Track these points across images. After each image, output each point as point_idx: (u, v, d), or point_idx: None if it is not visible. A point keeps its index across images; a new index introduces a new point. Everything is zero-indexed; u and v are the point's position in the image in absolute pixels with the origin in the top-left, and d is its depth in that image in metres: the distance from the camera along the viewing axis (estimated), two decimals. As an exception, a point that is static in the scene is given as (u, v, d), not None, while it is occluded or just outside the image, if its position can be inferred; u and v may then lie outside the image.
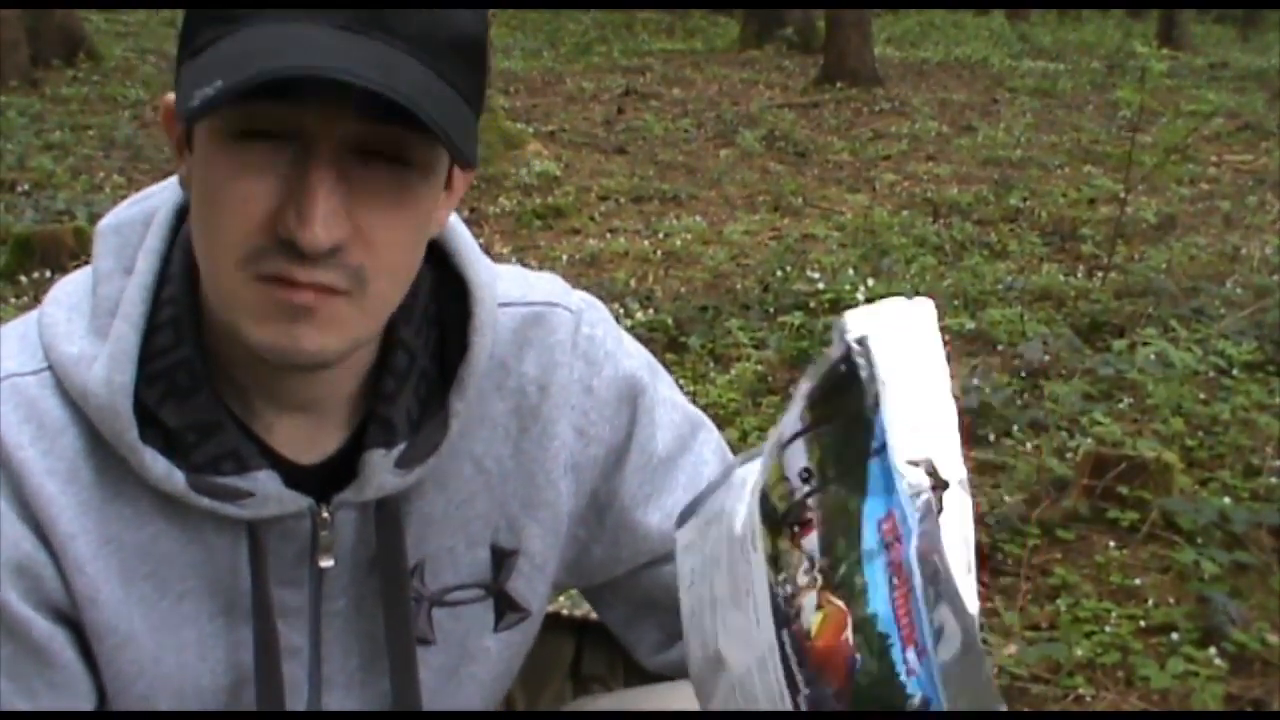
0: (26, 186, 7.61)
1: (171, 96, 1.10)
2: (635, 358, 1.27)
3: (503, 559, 1.24)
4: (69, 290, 1.17)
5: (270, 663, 1.16)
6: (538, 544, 1.24)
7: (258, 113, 1.00)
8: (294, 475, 1.14)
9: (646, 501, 1.27)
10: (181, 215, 1.16)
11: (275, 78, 0.95)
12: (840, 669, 0.92)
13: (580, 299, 1.27)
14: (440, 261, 1.19)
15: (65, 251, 5.90)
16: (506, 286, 1.23)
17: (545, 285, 1.27)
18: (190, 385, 1.11)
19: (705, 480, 1.25)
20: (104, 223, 1.18)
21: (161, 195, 1.18)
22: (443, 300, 1.19)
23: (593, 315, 1.27)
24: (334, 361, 1.07)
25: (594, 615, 1.46)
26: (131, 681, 1.15)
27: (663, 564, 1.29)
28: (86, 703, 1.15)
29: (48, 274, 5.66)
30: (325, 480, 1.16)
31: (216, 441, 1.11)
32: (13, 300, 5.52)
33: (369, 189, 1.02)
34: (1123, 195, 6.45)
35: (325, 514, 1.16)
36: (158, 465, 1.10)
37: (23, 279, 5.73)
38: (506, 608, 1.25)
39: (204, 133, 1.04)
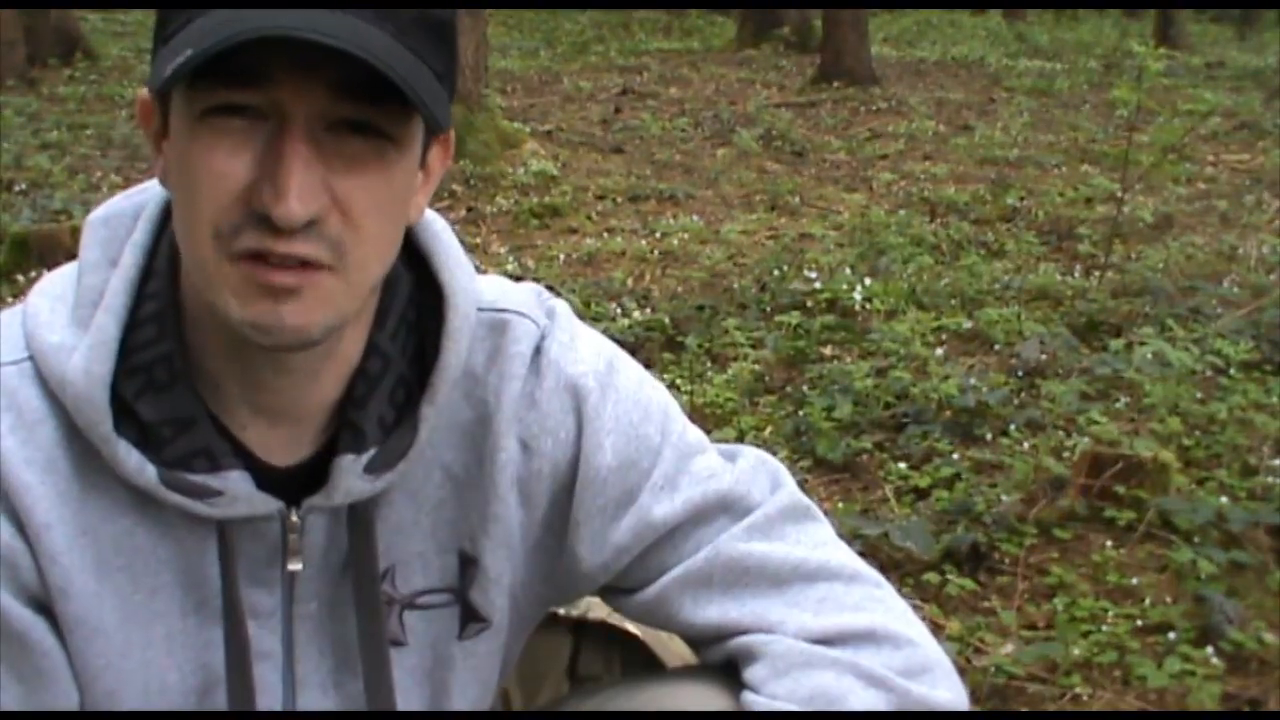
0: (23, 185, 7.60)
1: (145, 91, 1.11)
2: (584, 363, 1.23)
3: (466, 566, 1.23)
4: (55, 281, 1.18)
5: (241, 664, 1.16)
6: (490, 557, 1.23)
7: (231, 97, 1.01)
8: (266, 477, 1.14)
9: (601, 515, 1.23)
10: (169, 210, 1.15)
11: (243, 40, 0.96)
12: None
13: (548, 310, 1.26)
14: (421, 266, 1.19)
15: (62, 250, 5.87)
16: (484, 292, 1.23)
17: (519, 294, 1.26)
18: (168, 380, 1.11)
19: (656, 483, 1.23)
20: (94, 215, 1.19)
21: (152, 190, 1.18)
22: (422, 306, 1.19)
23: (552, 326, 1.24)
24: (319, 339, 1.06)
25: (590, 615, 1.46)
26: (98, 675, 1.15)
27: (631, 592, 1.26)
28: (73, 689, 1.15)
29: (44, 273, 5.63)
30: (298, 483, 1.16)
31: (190, 438, 1.11)
32: (10, 300, 5.51)
33: (345, 160, 1.02)
34: (1120, 194, 6.45)
35: (295, 518, 1.16)
36: (130, 459, 1.10)
37: (19, 278, 5.72)
38: (469, 616, 1.25)
39: (179, 115, 1.04)
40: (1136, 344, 4.65)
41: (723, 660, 1.25)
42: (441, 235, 1.21)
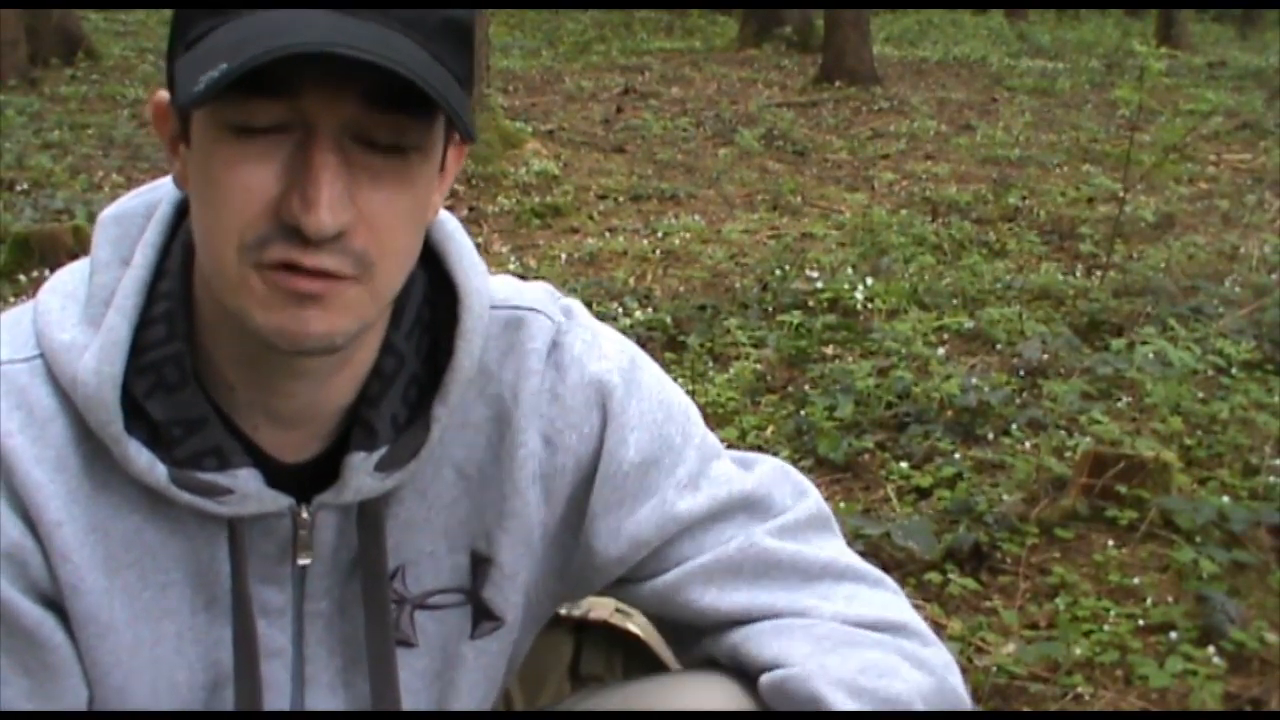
0: (25, 185, 7.60)
1: (163, 94, 1.10)
2: (608, 359, 1.24)
3: (479, 565, 1.23)
4: (66, 279, 1.18)
5: (250, 661, 1.16)
6: (508, 554, 1.23)
7: (258, 109, 1.00)
8: (277, 473, 1.14)
9: (618, 509, 1.23)
10: (182, 210, 1.16)
11: (280, 55, 0.95)
12: None
13: (564, 307, 1.26)
14: (434, 265, 1.19)
15: (64, 250, 5.88)
16: (497, 291, 1.23)
17: (532, 292, 1.26)
18: (178, 380, 1.11)
19: (680, 480, 1.23)
20: (106, 213, 1.19)
21: (164, 189, 1.18)
22: (436, 305, 1.19)
23: (570, 323, 1.25)
24: (342, 344, 1.07)
25: (592, 615, 1.46)
26: (108, 672, 1.15)
27: (642, 581, 1.26)
28: (81, 685, 1.15)
29: (46, 273, 5.61)
30: (308, 480, 1.16)
31: (200, 437, 1.11)
32: (11, 300, 5.51)
33: (370, 173, 1.02)
34: (1121, 194, 6.45)
35: (305, 514, 1.16)
36: (140, 457, 1.10)
37: (21, 278, 5.72)
38: (482, 615, 1.24)
39: (203, 125, 1.03)
40: (1138, 343, 4.65)
41: (738, 643, 1.23)
42: (455, 235, 1.21)
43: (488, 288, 1.21)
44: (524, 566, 1.24)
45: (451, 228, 1.21)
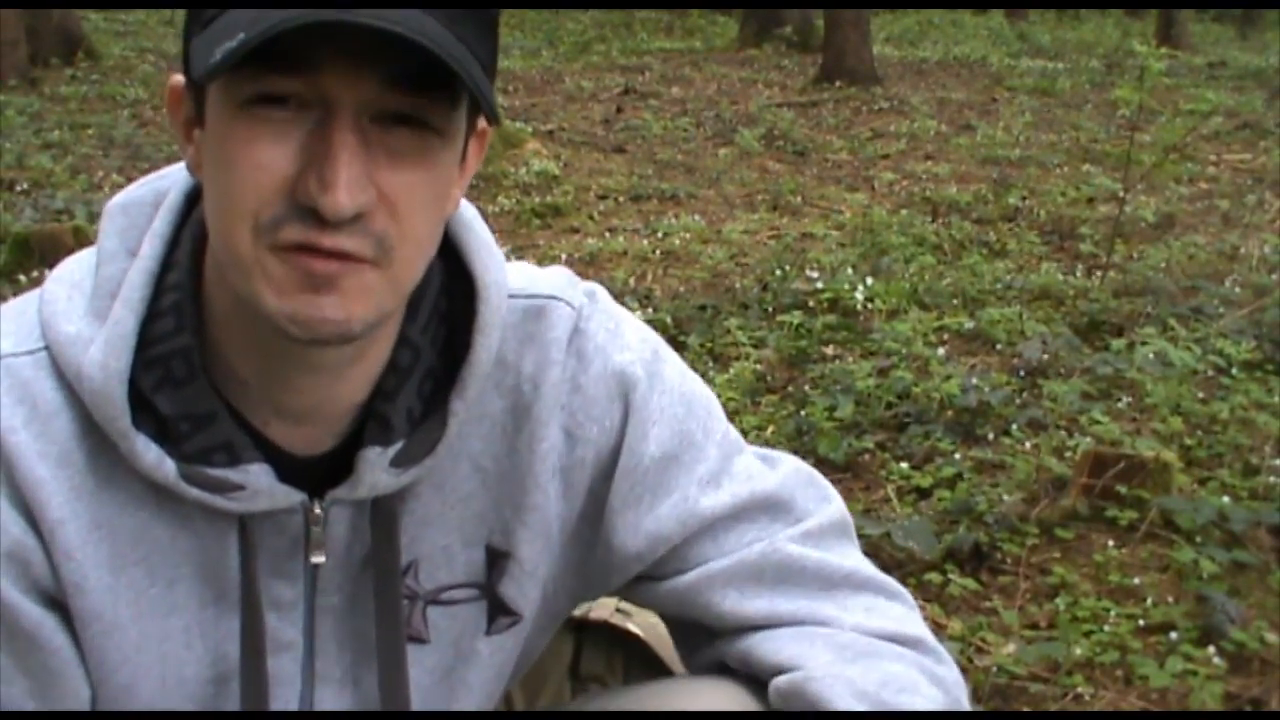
0: (25, 185, 7.60)
1: (178, 78, 1.08)
2: (631, 350, 1.22)
3: (496, 560, 1.21)
4: (73, 268, 1.16)
5: (256, 654, 1.15)
6: (526, 548, 1.21)
7: (276, 85, 0.98)
8: (289, 468, 1.12)
9: (637, 504, 1.21)
10: (192, 199, 1.13)
11: (299, 24, 0.93)
12: None
13: (585, 292, 1.24)
14: (452, 257, 1.17)
15: (64, 250, 5.83)
16: (513, 279, 1.21)
17: (550, 279, 1.24)
18: (186, 374, 1.09)
19: (702, 477, 1.22)
20: (113, 201, 1.17)
21: (173, 178, 1.16)
22: (453, 296, 1.17)
23: (593, 309, 1.23)
24: (359, 334, 1.04)
25: (592, 615, 1.45)
26: (115, 669, 1.14)
27: (660, 580, 1.25)
28: (83, 685, 1.14)
29: (46, 273, 5.55)
30: (321, 474, 1.14)
31: (209, 433, 1.09)
32: (12, 300, 5.51)
33: (391, 154, 1.00)
34: (1121, 194, 6.45)
35: (318, 510, 1.14)
36: (149, 453, 1.08)
37: (21, 278, 5.71)
38: (498, 611, 1.23)
39: (218, 103, 1.01)
40: (1138, 344, 4.65)
41: (753, 645, 1.22)
42: (473, 225, 1.18)
43: (506, 280, 1.19)
44: (543, 561, 1.23)
45: (470, 218, 1.19)
